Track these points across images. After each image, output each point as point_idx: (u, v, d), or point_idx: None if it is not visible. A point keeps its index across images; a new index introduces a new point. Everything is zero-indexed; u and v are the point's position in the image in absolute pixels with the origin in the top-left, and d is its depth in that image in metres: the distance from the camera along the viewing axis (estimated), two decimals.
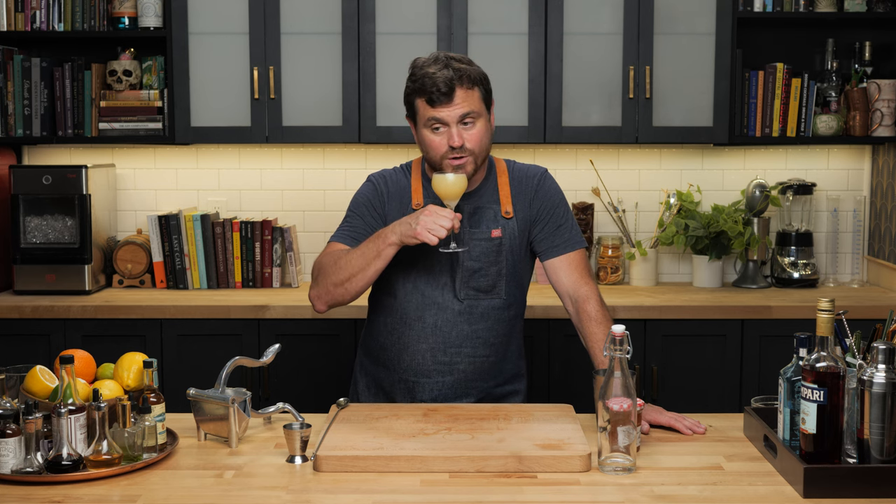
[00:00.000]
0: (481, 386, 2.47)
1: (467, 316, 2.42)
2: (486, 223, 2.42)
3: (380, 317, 2.51)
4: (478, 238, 2.41)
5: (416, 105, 2.37)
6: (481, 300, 2.43)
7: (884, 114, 3.69)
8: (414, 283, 2.42)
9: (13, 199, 3.62)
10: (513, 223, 2.44)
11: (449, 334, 2.42)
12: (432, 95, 2.31)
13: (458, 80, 2.31)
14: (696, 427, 2.18)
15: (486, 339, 2.44)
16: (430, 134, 2.36)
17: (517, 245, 2.45)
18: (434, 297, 2.42)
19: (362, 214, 2.46)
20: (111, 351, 2.41)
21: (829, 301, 1.84)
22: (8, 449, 1.86)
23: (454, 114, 2.32)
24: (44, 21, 3.69)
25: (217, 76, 3.66)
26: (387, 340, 2.48)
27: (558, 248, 2.46)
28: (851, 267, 3.96)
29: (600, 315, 2.37)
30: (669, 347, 3.47)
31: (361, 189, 2.52)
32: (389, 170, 2.55)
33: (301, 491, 1.83)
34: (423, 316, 2.42)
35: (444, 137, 2.34)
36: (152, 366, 2.05)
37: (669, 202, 3.88)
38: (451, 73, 2.31)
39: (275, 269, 3.80)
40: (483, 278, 2.42)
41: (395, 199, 2.46)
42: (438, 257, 2.40)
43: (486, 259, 2.41)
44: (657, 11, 3.63)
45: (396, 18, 3.63)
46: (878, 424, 1.81)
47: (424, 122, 2.36)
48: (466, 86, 2.33)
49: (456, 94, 2.31)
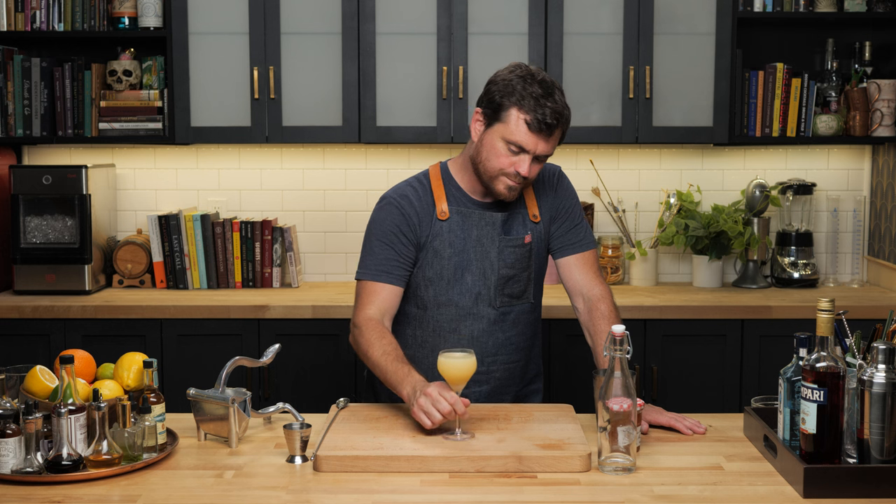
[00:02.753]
0: (511, 390, 2.47)
1: (501, 324, 2.40)
2: (517, 229, 2.40)
3: (408, 329, 2.44)
4: (512, 245, 2.38)
5: (509, 115, 2.24)
6: (514, 306, 2.42)
7: (884, 114, 3.69)
8: (447, 294, 2.38)
9: (13, 199, 3.62)
10: (540, 226, 2.43)
11: (486, 344, 2.39)
12: (539, 123, 2.22)
13: (562, 120, 2.26)
14: (696, 427, 2.18)
15: (517, 344, 2.44)
16: (504, 149, 2.26)
17: (542, 248, 2.45)
18: (468, 308, 2.38)
19: (392, 244, 2.35)
20: (111, 351, 2.42)
21: (829, 301, 1.84)
22: (8, 449, 1.86)
23: (539, 149, 2.25)
24: (44, 21, 3.69)
25: (217, 76, 3.66)
26: (418, 353, 2.42)
27: (574, 246, 2.45)
28: (851, 267, 3.96)
29: (613, 315, 2.37)
30: (669, 347, 3.47)
31: (384, 216, 2.38)
32: (406, 188, 2.41)
33: (301, 491, 1.83)
34: (459, 328, 2.39)
35: (516, 160, 2.26)
36: (152, 366, 2.05)
37: (669, 202, 3.88)
38: (559, 109, 2.24)
39: (275, 269, 3.80)
40: (516, 285, 2.41)
41: (427, 218, 2.37)
42: (470, 267, 2.36)
43: (520, 265, 2.40)
44: (657, 11, 3.63)
45: (396, 18, 3.63)
46: (878, 424, 1.81)
47: (506, 137, 2.25)
48: (563, 128, 2.28)
49: (555, 133, 2.26)
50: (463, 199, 2.39)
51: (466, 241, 2.36)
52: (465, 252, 2.36)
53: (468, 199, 2.39)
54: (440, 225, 2.36)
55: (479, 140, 2.30)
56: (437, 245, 2.36)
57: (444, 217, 2.36)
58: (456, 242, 2.36)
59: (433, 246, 2.36)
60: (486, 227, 2.37)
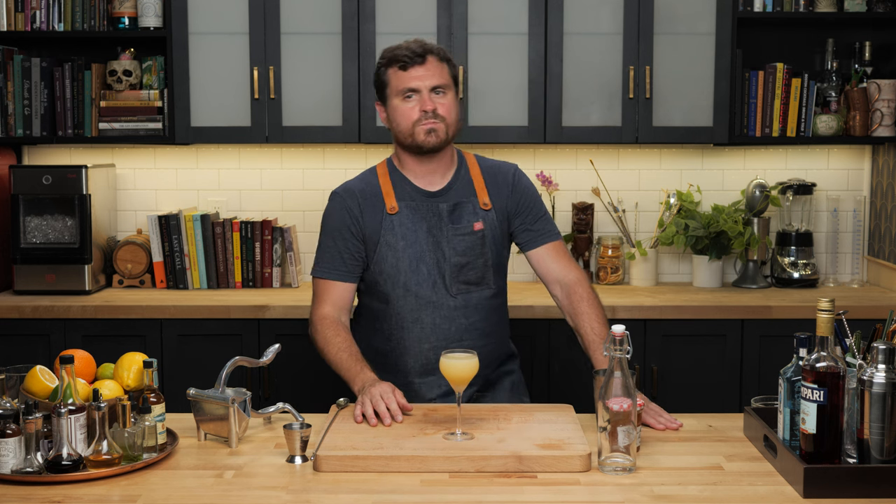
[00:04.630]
0: (480, 374, 2.46)
1: (462, 310, 2.46)
2: (467, 217, 2.47)
3: (374, 323, 2.52)
4: (461, 233, 2.45)
5: (388, 76, 2.42)
6: (473, 293, 2.47)
7: (884, 114, 3.69)
8: (405, 286, 2.45)
9: (13, 199, 3.62)
10: (492, 214, 2.49)
11: (448, 330, 2.46)
12: (405, 60, 2.38)
13: (431, 49, 2.41)
14: (669, 423, 2.20)
15: (482, 329, 2.49)
16: (402, 103, 2.41)
17: (498, 235, 2.50)
18: (428, 297, 2.45)
19: (336, 239, 2.48)
20: (111, 351, 2.41)
21: (829, 301, 1.84)
22: (8, 449, 1.86)
23: (427, 83, 2.38)
24: (44, 21, 3.69)
25: (217, 76, 3.66)
26: (385, 346, 2.50)
27: (542, 237, 2.52)
28: (851, 267, 3.96)
29: (591, 297, 2.45)
30: (669, 347, 3.47)
31: (329, 211, 2.52)
32: (353, 180, 2.55)
33: (301, 491, 1.83)
34: (421, 317, 2.45)
35: (415, 103, 2.39)
36: (152, 366, 2.05)
37: (669, 202, 3.88)
38: (419, 41, 2.43)
39: (275, 269, 3.80)
40: (472, 271, 2.46)
41: (369, 210, 2.47)
42: (424, 258, 2.44)
43: (472, 252, 2.46)
44: (657, 11, 3.63)
45: (396, 18, 3.63)
46: (878, 424, 1.81)
47: (397, 92, 2.40)
48: (438, 57, 2.41)
49: (428, 59, 2.39)
50: (412, 191, 2.48)
51: (418, 232, 2.44)
52: (417, 243, 2.44)
53: (416, 189, 2.48)
54: (390, 219, 2.44)
55: (387, 119, 2.47)
56: (389, 239, 2.44)
57: (394, 211, 2.45)
58: (408, 235, 2.43)
59: (386, 240, 2.44)
60: (434, 218, 2.45)
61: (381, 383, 2.25)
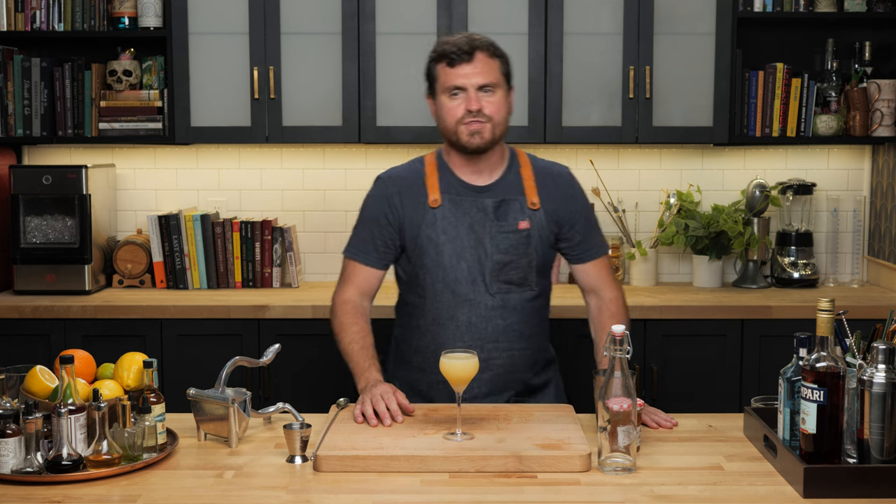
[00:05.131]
0: (519, 378, 2.46)
1: (500, 310, 2.40)
2: (513, 215, 2.40)
3: (411, 320, 2.48)
4: (505, 231, 2.39)
5: (437, 72, 2.37)
6: (513, 293, 2.41)
7: (884, 114, 3.69)
8: (444, 281, 2.39)
9: (13, 199, 3.62)
10: (540, 214, 2.43)
11: (484, 330, 2.40)
12: (453, 56, 2.32)
13: (479, 45, 2.34)
14: (662, 422, 2.21)
15: (520, 331, 2.43)
16: (448, 100, 2.35)
17: (545, 236, 2.44)
18: (465, 294, 2.39)
19: (371, 225, 2.44)
20: (111, 351, 2.41)
21: (829, 301, 1.84)
22: (8, 449, 1.86)
23: (473, 80, 2.32)
24: (44, 21, 3.69)
25: (217, 76, 3.66)
26: (420, 343, 2.46)
27: (590, 252, 2.48)
28: (851, 267, 3.96)
29: (622, 316, 2.44)
30: (669, 347, 3.47)
31: (370, 194, 2.48)
32: (401, 167, 2.50)
33: (301, 491, 1.83)
34: (457, 315, 2.40)
35: (461, 102, 2.34)
36: (152, 366, 2.05)
37: (669, 202, 3.88)
38: (469, 36, 2.36)
39: (275, 269, 3.80)
40: (513, 271, 2.40)
41: (410, 200, 2.42)
42: (464, 254, 2.38)
43: (516, 251, 2.39)
44: (657, 11, 3.63)
45: (396, 18, 3.63)
46: (878, 424, 1.81)
47: (444, 88, 2.35)
48: (487, 53, 2.34)
49: (476, 56, 2.32)
50: (457, 185, 2.42)
51: (459, 227, 2.39)
52: (458, 239, 2.38)
53: (462, 184, 2.43)
54: (432, 212, 2.39)
55: (436, 116, 2.41)
56: (429, 233, 2.39)
57: (436, 205, 2.40)
58: (449, 229, 2.38)
59: (426, 234, 2.39)
60: (478, 214, 2.39)
61: (383, 384, 2.24)
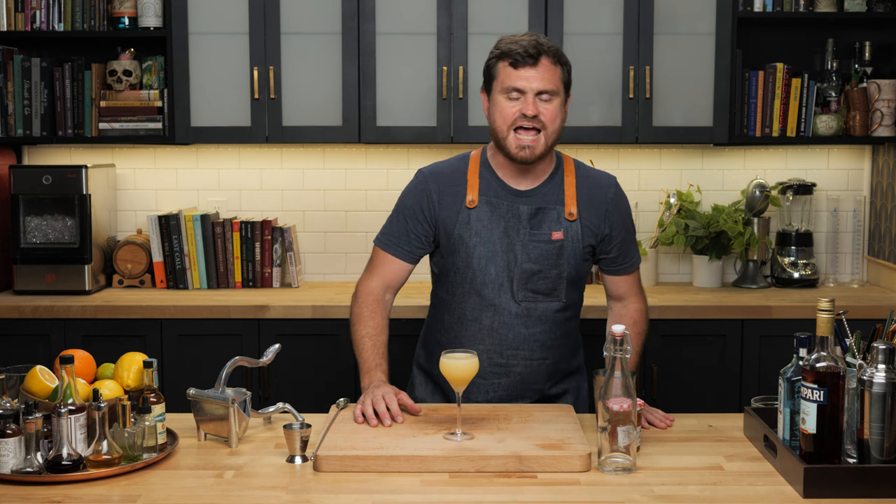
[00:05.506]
0: (536, 388, 2.45)
1: (524, 319, 2.38)
2: (548, 224, 2.36)
3: (440, 313, 2.47)
4: (537, 240, 2.35)
5: (497, 70, 2.31)
6: (539, 303, 2.38)
7: (884, 114, 3.69)
8: (472, 283, 2.38)
9: (13, 199, 3.62)
10: (576, 225, 2.38)
11: (505, 337, 2.39)
12: (517, 57, 2.27)
13: (546, 50, 2.29)
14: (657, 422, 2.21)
15: (543, 341, 2.41)
16: (505, 100, 2.30)
17: (580, 249, 2.38)
18: (491, 299, 2.37)
19: (406, 217, 2.41)
20: (111, 351, 2.41)
21: (829, 301, 1.84)
22: (8, 449, 1.86)
23: (534, 85, 2.27)
24: (44, 21, 3.69)
25: (217, 76, 3.66)
26: (444, 338, 2.45)
27: (626, 267, 2.46)
28: (851, 267, 3.96)
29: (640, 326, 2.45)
30: (669, 347, 3.47)
31: (410, 188, 2.44)
32: (444, 162, 2.46)
33: (301, 491, 1.83)
34: (480, 317, 2.39)
35: (518, 105, 2.29)
36: (152, 366, 2.05)
37: (669, 202, 3.88)
38: (537, 39, 2.30)
39: (275, 269, 3.80)
40: (542, 281, 2.37)
41: (448, 197, 2.38)
42: (495, 259, 2.36)
43: (546, 262, 2.36)
44: (657, 11, 3.63)
45: (396, 18, 3.63)
46: (878, 424, 1.81)
47: (502, 88, 2.30)
48: (552, 59, 2.29)
49: (541, 61, 2.27)
50: (497, 187, 2.38)
51: (493, 231, 2.36)
52: (491, 242, 2.35)
53: (502, 186, 2.38)
54: (467, 213, 2.36)
55: (488, 112, 2.36)
56: (463, 233, 2.36)
57: (473, 205, 2.36)
58: (482, 232, 2.36)
59: (459, 234, 2.36)
60: (513, 220, 2.36)
61: (386, 385, 2.23)
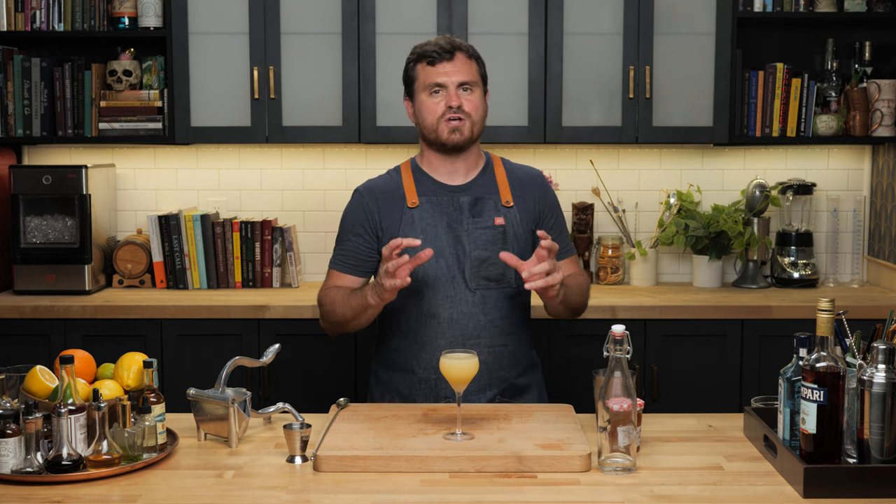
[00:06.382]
0: (503, 376, 2.47)
1: (481, 306, 2.43)
2: (489, 212, 2.45)
3: (392, 320, 2.49)
4: (482, 227, 2.43)
5: (416, 72, 2.45)
6: (492, 289, 2.44)
7: (884, 114, 3.69)
8: (423, 279, 2.41)
9: (13, 199, 3.62)
10: (514, 212, 2.47)
11: (466, 326, 2.42)
12: (434, 55, 2.41)
13: (459, 46, 2.43)
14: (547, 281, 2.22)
15: (502, 327, 2.45)
16: (428, 98, 2.42)
17: (521, 233, 2.47)
18: (446, 291, 2.42)
19: (350, 235, 2.49)
20: (111, 351, 2.41)
21: (829, 301, 1.84)
22: (8, 449, 1.86)
23: (454, 78, 2.40)
24: (44, 21, 3.69)
25: (217, 76, 3.66)
26: (402, 342, 2.47)
27: (563, 253, 2.50)
28: (851, 267, 3.96)
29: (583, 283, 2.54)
30: (669, 347, 3.47)
31: (348, 206, 2.54)
32: (376, 178, 2.56)
33: (301, 491, 1.83)
34: (438, 312, 2.42)
35: (442, 99, 2.41)
36: (152, 366, 2.05)
37: (669, 202, 3.88)
38: (449, 38, 2.46)
39: (275, 269, 3.80)
40: (492, 267, 2.43)
41: (388, 207, 2.47)
42: (443, 252, 2.42)
43: (493, 247, 2.42)
44: (657, 11, 3.64)
45: (396, 18, 3.63)
46: (878, 424, 1.81)
47: (424, 87, 2.43)
48: (466, 54, 2.44)
49: (457, 55, 2.41)
50: (433, 186, 2.48)
51: (438, 226, 2.43)
52: (437, 238, 2.42)
53: (438, 185, 2.48)
54: (410, 213, 2.44)
55: (414, 116, 2.49)
56: (407, 233, 2.42)
57: (414, 206, 2.45)
58: (427, 229, 2.43)
59: (404, 234, 2.42)
60: (455, 212, 2.45)
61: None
